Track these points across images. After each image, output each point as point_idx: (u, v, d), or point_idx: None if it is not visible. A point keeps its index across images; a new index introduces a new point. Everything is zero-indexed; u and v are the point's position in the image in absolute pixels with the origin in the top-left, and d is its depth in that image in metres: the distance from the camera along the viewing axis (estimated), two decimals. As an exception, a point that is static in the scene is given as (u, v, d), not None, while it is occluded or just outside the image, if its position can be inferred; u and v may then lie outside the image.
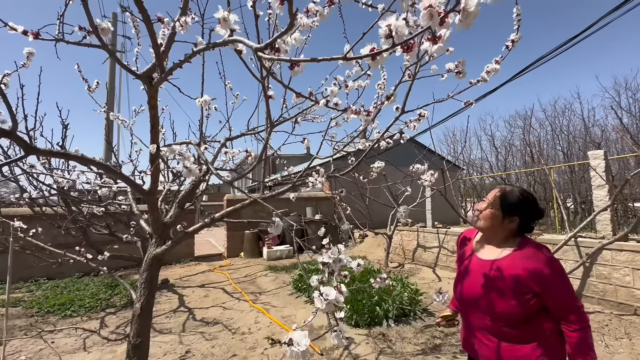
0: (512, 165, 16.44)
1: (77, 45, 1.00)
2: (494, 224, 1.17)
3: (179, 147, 1.08)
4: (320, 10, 0.97)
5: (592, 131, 13.82)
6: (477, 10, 0.51)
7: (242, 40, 0.66)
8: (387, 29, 0.50)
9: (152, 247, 1.57)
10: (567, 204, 12.85)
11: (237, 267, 6.92)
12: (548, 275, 1.03)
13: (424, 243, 6.68)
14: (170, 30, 1.09)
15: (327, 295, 0.77)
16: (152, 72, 1.13)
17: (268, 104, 1.17)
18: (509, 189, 1.20)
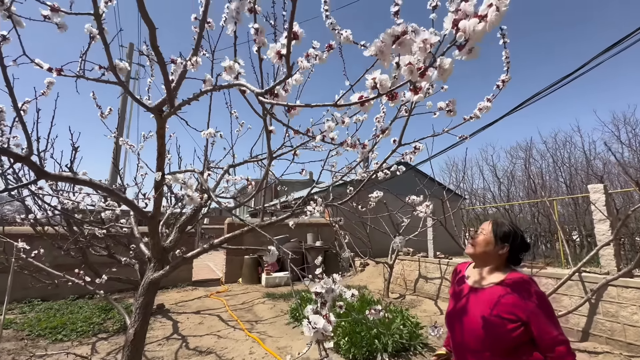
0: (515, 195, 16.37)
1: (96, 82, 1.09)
2: (486, 251, 1.25)
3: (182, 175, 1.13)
4: (319, 54, 1.06)
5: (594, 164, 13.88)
6: (452, 67, 0.58)
7: (245, 85, 0.74)
8: (372, 81, 0.57)
9: (150, 271, 1.58)
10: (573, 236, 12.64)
11: (234, 293, 6.77)
12: (534, 306, 1.08)
13: (425, 274, 6.55)
14: (182, 69, 1.18)
15: (316, 323, 0.79)
16: (162, 105, 1.21)
17: (269, 138, 1.24)
18: (500, 220, 1.30)
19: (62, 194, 2.84)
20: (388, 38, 0.50)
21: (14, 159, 1.10)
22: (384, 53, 0.51)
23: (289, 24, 0.58)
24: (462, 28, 0.53)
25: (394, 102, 0.61)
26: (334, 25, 1.39)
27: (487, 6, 0.52)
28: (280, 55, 0.62)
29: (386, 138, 1.76)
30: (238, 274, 8.05)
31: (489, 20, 0.51)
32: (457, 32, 0.55)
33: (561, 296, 4.12)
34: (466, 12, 0.55)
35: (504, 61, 1.86)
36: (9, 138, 1.88)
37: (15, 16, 0.98)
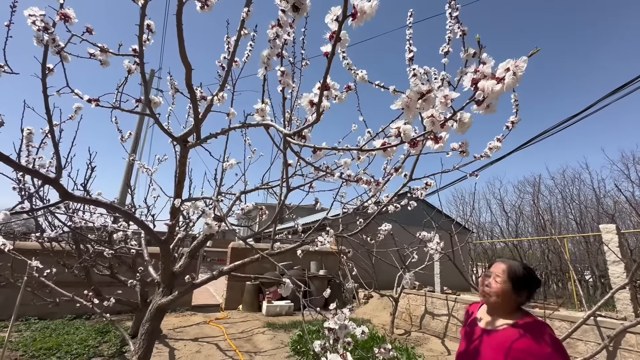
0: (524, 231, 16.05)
1: (130, 113, 1.17)
2: (504, 299, 1.21)
3: (201, 202, 1.17)
4: (339, 95, 1.13)
5: (603, 202, 13.67)
6: (471, 121, 0.63)
7: (274, 126, 0.79)
8: (396, 130, 0.61)
9: (158, 296, 1.58)
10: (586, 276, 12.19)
11: (234, 320, 6.58)
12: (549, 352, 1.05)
13: (432, 309, 6.32)
14: (208, 102, 1.26)
15: None
16: (187, 136, 1.28)
17: (287, 172, 1.29)
18: (513, 263, 1.25)
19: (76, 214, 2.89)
20: (414, 95, 0.55)
21: (43, 181, 1.15)
22: (410, 108, 0.55)
23: (324, 77, 0.64)
24: (481, 87, 0.58)
25: (415, 150, 0.65)
26: (350, 66, 1.47)
27: (504, 70, 0.57)
28: (312, 104, 0.68)
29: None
30: (238, 300, 7.86)
31: (507, 83, 0.56)
32: (477, 91, 0.59)
33: (576, 341, 3.92)
34: (484, 73, 0.60)
35: (513, 104, 1.93)
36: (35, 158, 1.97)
37: (64, 52, 1.08)
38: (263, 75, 0.85)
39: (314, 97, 0.66)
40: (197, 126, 1.11)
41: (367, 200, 1.89)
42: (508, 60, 0.57)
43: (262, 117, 0.82)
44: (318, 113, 0.66)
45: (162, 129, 1.19)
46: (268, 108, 0.83)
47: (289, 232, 4.36)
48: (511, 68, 0.55)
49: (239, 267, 1.80)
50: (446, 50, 1.63)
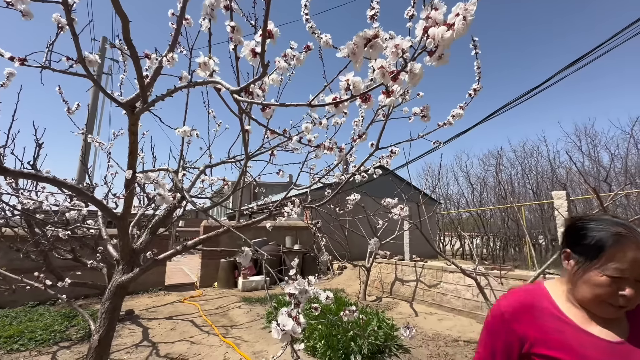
0: (487, 201, 17.08)
1: (63, 73, 1.04)
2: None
3: (154, 174, 1.10)
4: (297, 55, 1.07)
5: (558, 172, 14.75)
6: (422, 72, 0.61)
7: (219, 82, 0.73)
8: (345, 82, 0.58)
9: (118, 274, 1.51)
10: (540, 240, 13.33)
11: (209, 297, 6.59)
12: None
13: (401, 276, 6.67)
14: (157, 64, 1.15)
15: (284, 325, 0.78)
16: (134, 101, 1.17)
17: (245, 138, 1.23)
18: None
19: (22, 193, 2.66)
20: (360, 40, 0.52)
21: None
22: (356, 55, 0.52)
23: (264, 22, 0.58)
24: (432, 35, 0.56)
25: (368, 105, 0.63)
26: (314, 29, 1.40)
27: (454, 15, 0.55)
28: (255, 54, 0.62)
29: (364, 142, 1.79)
30: (214, 277, 7.85)
31: (456, 29, 0.54)
32: (427, 39, 0.57)
33: (527, 297, 4.32)
34: (436, 20, 0.57)
35: (476, 71, 1.95)
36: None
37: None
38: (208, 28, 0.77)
39: (255, 45, 0.61)
40: (142, 89, 1.02)
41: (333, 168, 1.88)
42: (458, 4, 0.54)
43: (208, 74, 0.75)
44: (263, 65, 0.61)
45: (103, 92, 1.07)
46: (212, 62, 0.76)
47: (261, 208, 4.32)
48: (461, 13, 0.53)
49: (205, 240, 1.76)
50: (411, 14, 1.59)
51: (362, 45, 0.51)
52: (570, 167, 14.45)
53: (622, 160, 13.13)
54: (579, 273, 0.80)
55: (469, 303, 5.17)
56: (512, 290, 0.93)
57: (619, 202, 10.95)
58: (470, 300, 5.16)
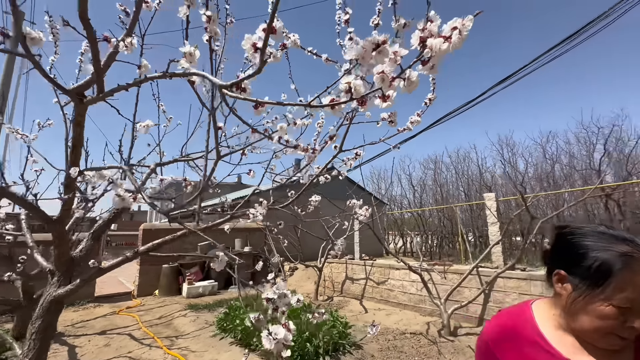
0: (426, 202, 18.49)
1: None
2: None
3: (109, 172, 0.97)
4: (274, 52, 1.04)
5: (485, 176, 16.60)
6: (418, 80, 0.63)
7: (206, 76, 0.67)
8: (347, 85, 0.58)
9: (53, 287, 1.30)
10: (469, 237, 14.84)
11: (150, 307, 6.04)
12: None
13: (352, 275, 6.88)
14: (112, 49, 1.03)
15: (277, 334, 0.76)
16: (84, 89, 1.03)
17: (217, 136, 1.15)
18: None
19: None
20: (369, 45, 0.52)
21: None
22: (365, 59, 0.53)
23: (270, 17, 0.56)
24: (429, 45, 0.58)
25: (364, 109, 0.64)
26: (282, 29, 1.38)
27: (451, 29, 0.58)
28: (256, 48, 0.59)
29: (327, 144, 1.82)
30: (154, 285, 7.21)
31: (453, 42, 0.57)
32: (424, 49, 0.59)
33: (463, 289, 4.78)
34: (431, 32, 0.60)
35: (431, 82, 2.10)
36: None
37: None
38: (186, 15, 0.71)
39: (258, 40, 0.58)
40: (98, 75, 0.89)
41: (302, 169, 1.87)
42: (455, 19, 0.58)
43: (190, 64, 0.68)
44: (262, 61, 0.58)
45: (46, 77, 0.91)
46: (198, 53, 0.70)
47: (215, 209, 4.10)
48: (458, 26, 0.56)
49: (160, 245, 1.60)
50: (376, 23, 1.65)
51: (371, 49, 0.52)
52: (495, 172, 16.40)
53: (534, 167, 15.29)
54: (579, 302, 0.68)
55: (414, 297, 5.54)
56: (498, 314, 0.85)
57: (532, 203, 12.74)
58: (414, 294, 5.53)
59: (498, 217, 4.77)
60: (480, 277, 4.66)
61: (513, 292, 4.33)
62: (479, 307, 4.59)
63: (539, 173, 14.80)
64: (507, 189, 15.69)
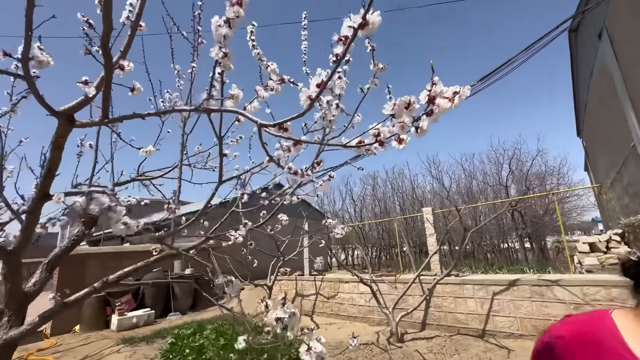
0: (366, 216, 19.50)
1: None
2: None
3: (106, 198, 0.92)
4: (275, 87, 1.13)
5: (417, 191, 18.25)
6: (428, 129, 0.80)
7: (246, 115, 0.73)
8: (376, 131, 0.71)
9: (2, 329, 1.11)
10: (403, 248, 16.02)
11: (69, 346, 5.19)
12: None
13: (302, 291, 6.90)
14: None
15: (316, 349, 0.82)
16: (75, 110, 0.98)
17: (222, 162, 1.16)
18: None
19: None
20: (402, 104, 0.66)
21: None
22: (399, 114, 0.66)
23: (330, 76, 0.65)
24: (438, 103, 0.75)
25: (383, 148, 0.77)
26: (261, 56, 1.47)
27: (453, 93, 0.76)
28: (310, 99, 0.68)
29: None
30: (73, 320, 6.22)
31: (455, 103, 0.75)
32: (433, 105, 0.76)
33: (407, 297, 5.18)
34: (436, 92, 0.77)
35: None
36: None
37: None
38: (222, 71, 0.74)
39: (312, 93, 0.67)
40: (107, 99, 0.86)
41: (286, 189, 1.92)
42: (456, 86, 0.76)
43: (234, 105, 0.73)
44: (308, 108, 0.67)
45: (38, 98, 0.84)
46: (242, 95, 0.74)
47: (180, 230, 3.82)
48: (460, 92, 0.74)
49: (132, 272, 1.48)
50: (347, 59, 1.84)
51: (403, 107, 0.66)
52: (425, 187, 18.15)
53: (456, 182, 17.37)
54: None
55: (363, 309, 5.79)
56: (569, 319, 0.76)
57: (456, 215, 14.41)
58: (363, 306, 5.78)
59: (436, 229, 5.34)
60: (422, 284, 5.12)
61: (449, 296, 4.85)
62: (422, 312, 5.01)
63: (461, 188, 16.84)
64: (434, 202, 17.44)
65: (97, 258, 6.89)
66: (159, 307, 6.91)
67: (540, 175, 14.41)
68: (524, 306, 4.16)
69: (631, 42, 4.10)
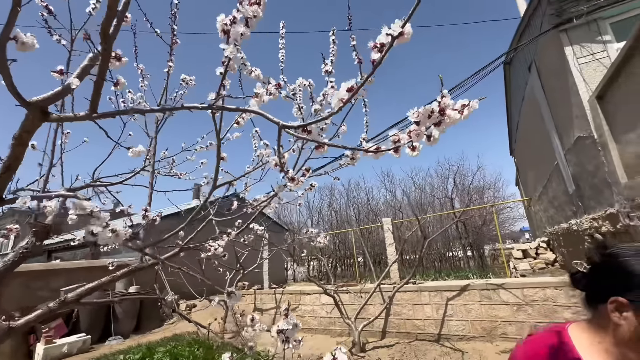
0: (322, 227, 19.63)
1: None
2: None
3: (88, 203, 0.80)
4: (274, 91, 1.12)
5: (371, 202, 18.92)
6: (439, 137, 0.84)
7: (266, 115, 0.70)
8: (396, 137, 0.74)
9: None
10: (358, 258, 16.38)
11: (-22, 386, 4.34)
12: None
13: (261, 305, 6.65)
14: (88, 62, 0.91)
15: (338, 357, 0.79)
16: (50, 102, 0.86)
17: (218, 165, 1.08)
18: None
19: None
20: (425, 112, 0.69)
21: None
22: (422, 121, 0.69)
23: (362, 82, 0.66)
24: (448, 114, 0.80)
25: (398, 155, 0.80)
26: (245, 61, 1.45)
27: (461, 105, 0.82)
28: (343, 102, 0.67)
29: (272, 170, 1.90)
30: (-16, 353, 5.23)
31: (464, 115, 0.81)
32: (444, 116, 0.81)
33: (368, 306, 5.27)
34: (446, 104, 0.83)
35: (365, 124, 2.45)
36: None
37: None
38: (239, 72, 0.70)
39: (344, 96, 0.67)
40: (97, 91, 0.76)
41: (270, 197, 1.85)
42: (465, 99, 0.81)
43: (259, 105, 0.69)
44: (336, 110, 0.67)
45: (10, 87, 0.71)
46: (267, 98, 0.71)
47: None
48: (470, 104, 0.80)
49: (96, 289, 1.28)
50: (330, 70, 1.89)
51: (427, 115, 0.69)
52: (379, 199, 18.92)
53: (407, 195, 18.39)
54: None
55: (324, 320, 5.75)
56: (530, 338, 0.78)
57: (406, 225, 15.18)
58: (325, 317, 5.75)
59: (394, 239, 5.57)
60: (382, 293, 5.26)
61: (408, 303, 5.05)
62: (382, 321, 5.13)
63: (411, 200, 17.85)
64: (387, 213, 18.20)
65: (20, 277, 5.94)
66: (96, 331, 6.13)
67: (479, 189, 15.93)
68: (474, 309, 4.48)
69: (555, 75, 4.80)
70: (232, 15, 0.90)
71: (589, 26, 4.17)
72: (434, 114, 0.70)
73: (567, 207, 5.58)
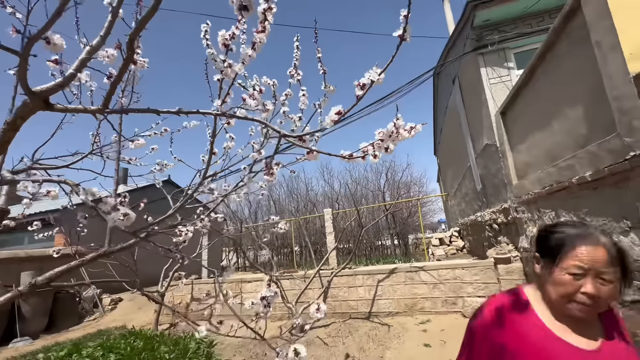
0: (259, 217, 19.57)
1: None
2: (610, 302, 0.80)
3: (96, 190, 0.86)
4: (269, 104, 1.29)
5: (310, 194, 19.49)
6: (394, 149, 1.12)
7: (269, 125, 0.86)
8: (365, 148, 0.99)
9: None
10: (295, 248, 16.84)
11: None
12: None
13: (199, 295, 6.53)
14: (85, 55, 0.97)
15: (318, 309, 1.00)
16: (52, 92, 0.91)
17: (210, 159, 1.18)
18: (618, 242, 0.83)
19: None
20: (387, 132, 0.96)
21: None
22: (385, 139, 0.95)
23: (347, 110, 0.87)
24: (401, 133, 1.09)
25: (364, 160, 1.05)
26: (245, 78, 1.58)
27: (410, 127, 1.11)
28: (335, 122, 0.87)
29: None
30: None
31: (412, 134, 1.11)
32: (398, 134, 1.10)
33: (307, 290, 5.64)
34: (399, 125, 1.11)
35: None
36: None
37: None
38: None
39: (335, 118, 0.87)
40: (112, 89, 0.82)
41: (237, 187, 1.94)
42: (413, 123, 1.11)
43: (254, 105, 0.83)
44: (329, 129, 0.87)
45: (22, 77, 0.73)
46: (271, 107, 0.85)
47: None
48: (416, 127, 1.10)
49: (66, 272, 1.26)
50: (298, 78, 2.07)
51: (388, 136, 0.96)
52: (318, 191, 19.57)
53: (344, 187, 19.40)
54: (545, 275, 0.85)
55: (265, 306, 5.94)
56: (493, 297, 0.95)
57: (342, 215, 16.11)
58: (266, 303, 5.94)
59: (334, 228, 6.01)
60: (321, 278, 5.68)
61: (344, 286, 5.55)
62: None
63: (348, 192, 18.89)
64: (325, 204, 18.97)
65: None
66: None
67: (407, 184, 17.66)
68: (399, 289, 5.17)
69: (473, 90, 5.69)
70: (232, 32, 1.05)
71: (499, 53, 5.05)
72: (393, 134, 0.97)
73: (475, 202, 6.70)
